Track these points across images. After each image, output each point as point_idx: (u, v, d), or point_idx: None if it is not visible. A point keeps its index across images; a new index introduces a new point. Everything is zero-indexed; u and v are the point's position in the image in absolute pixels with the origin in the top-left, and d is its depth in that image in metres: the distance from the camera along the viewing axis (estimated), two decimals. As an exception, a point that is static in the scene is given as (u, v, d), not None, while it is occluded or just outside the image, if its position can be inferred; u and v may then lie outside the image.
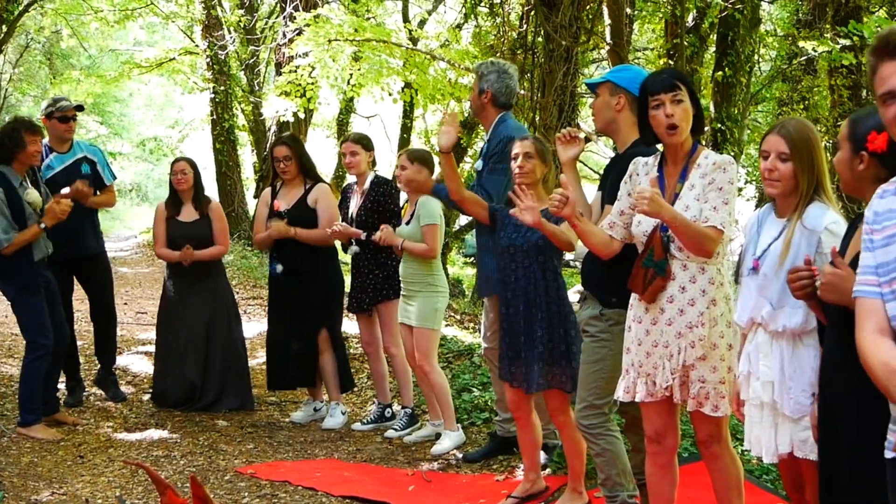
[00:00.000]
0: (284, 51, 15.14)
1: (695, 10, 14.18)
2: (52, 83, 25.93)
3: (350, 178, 7.67)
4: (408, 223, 6.78)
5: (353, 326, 8.73)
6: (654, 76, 4.42)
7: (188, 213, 7.80)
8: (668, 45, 13.60)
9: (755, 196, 18.48)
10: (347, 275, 7.49)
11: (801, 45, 14.12)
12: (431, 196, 6.41)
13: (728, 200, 4.11)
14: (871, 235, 2.74)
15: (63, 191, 7.17)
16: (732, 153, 14.67)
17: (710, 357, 4.19)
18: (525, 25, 9.81)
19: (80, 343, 8.43)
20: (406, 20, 22.35)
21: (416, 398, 7.49)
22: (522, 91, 9.57)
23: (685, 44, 13.12)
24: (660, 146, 4.44)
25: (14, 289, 6.89)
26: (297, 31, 14.04)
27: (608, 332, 4.80)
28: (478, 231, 6.37)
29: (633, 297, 4.41)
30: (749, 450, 4.05)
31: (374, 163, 7.38)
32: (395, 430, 7.16)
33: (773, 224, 3.93)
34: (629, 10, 11.67)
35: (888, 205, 2.73)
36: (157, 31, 29.94)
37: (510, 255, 5.33)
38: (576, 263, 17.17)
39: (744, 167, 17.99)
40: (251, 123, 22.13)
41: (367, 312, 7.27)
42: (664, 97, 4.19)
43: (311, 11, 13.88)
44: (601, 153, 19.39)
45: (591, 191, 5.24)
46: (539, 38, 9.05)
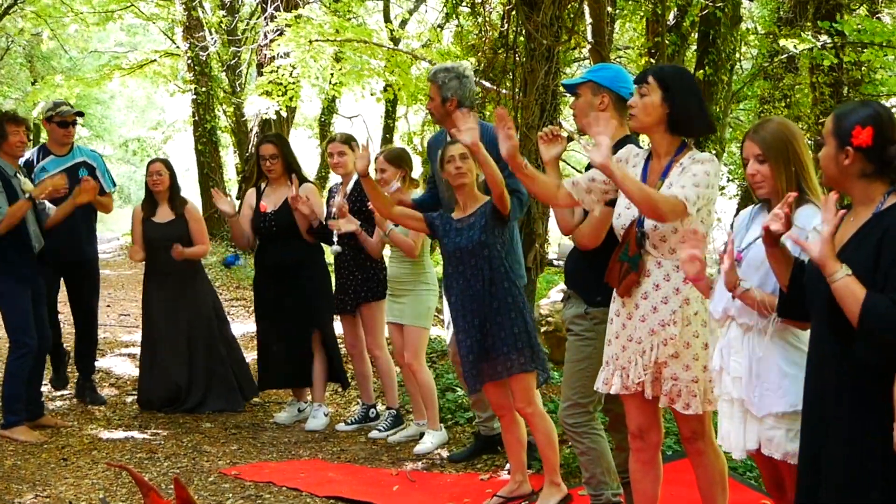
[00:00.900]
0: (266, 52, 15.12)
1: (676, 9, 14.21)
2: (33, 86, 25.81)
3: (334, 178, 7.65)
4: (396, 224, 6.78)
5: (339, 327, 8.73)
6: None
7: (164, 214, 7.77)
8: (650, 44, 13.63)
9: (737, 194, 18.52)
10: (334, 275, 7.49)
11: (783, 43, 14.17)
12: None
13: (698, 183, 4.10)
14: None
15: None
16: (714, 151, 14.70)
17: (683, 355, 4.21)
18: (506, 25, 9.79)
19: (66, 347, 8.37)
20: (387, 20, 22.38)
21: (401, 398, 7.48)
22: (504, 90, 9.57)
23: (666, 42, 13.13)
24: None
25: (8, 280, 6.83)
26: (279, 32, 14.04)
27: (593, 331, 4.81)
28: None
29: (615, 291, 4.44)
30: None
31: None
32: (380, 431, 7.16)
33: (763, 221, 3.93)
34: (610, 9, 11.71)
35: None
36: (139, 33, 29.84)
37: (458, 259, 5.39)
38: (559, 262, 17.19)
39: (726, 165, 18.03)
40: (233, 125, 22.08)
41: (351, 313, 7.26)
42: (636, 88, 4.30)
43: (292, 12, 13.88)
44: (583, 152, 19.42)
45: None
46: (520, 38, 9.04)
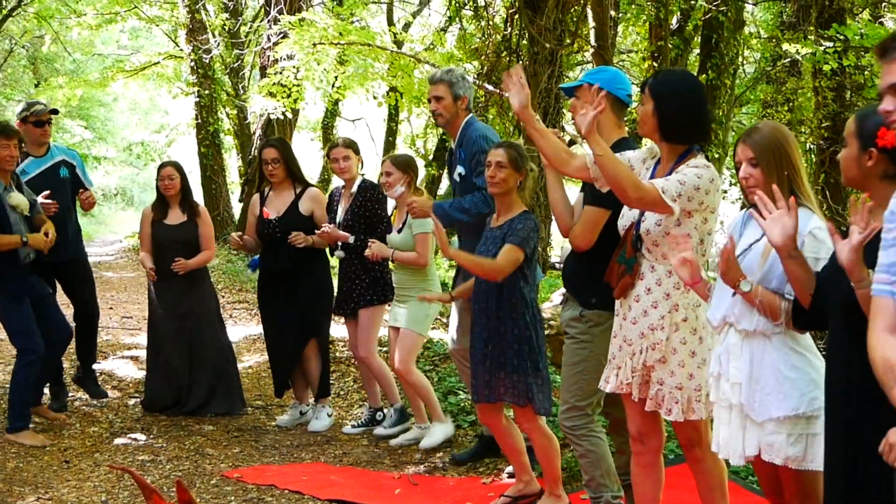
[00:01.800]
0: (269, 54, 15.13)
1: (679, 13, 14.23)
2: (36, 88, 25.85)
3: (335, 182, 7.65)
4: (399, 231, 6.78)
5: (341, 330, 8.73)
6: None
7: (175, 217, 7.77)
8: (653, 48, 13.63)
9: (739, 198, 18.51)
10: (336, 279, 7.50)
11: (785, 48, 14.16)
12: (435, 218, 5.81)
13: (682, 181, 4.12)
14: (886, 234, 2.81)
15: (43, 194, 7.20)
16: (717, 155, 14.72)
17: (670, 361, 4.25)
18: (510, 28, 9.82)
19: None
20: (391, 23, 22.36)
21: (403, 400, 7.48)
22: (507, 94, 9.57)
23: (669, 46, 13.15)
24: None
25: (1, 297, 6.85)
26: (282, 35, 14.05)
27: (588, 334, 4.84)
28: (465, 234, 6.30)
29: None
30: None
31: (362, 165, 7.37)
32: (385, 428, 7.16)
33: (757, 225, 3.94)
34: (613, 13, 11.72)
35: None
36: (142, 36, 29.87)
37: None
38: (562, 265, 17.18)
39: (728, 169, 18.01)
40: (236, 127, 22.10)
41: (353, 317, 7.27)
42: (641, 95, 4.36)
43: (296, 15, 13.88)
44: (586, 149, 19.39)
45: (574, 192, 5.25)
46: (524, 41, 9.06)
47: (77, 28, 21.93)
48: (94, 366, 8.35)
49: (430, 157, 21.99)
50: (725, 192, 18.63)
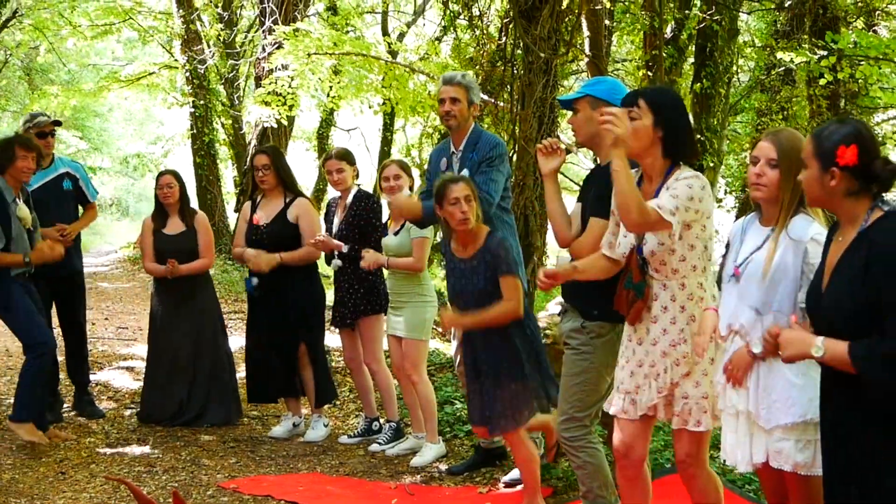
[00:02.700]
0: (264, 65, 15.14)
1: (673, 22, 14.26)
2: (31, 98, 25.82)
3: (331, 192, 7.66)
4: (396, 233, 6.78)
5: (336, 340, 8.70)
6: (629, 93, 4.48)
7: (174, 226, 7.77)
8: (647, 57, 13.67)
9: (735, 206, 18.55)
10: (330, 288, 7.49)
11: (780, 56, 14.20)
12: (422, 218, 6.13)
13: (676, 195, 4.12)
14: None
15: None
16: (712, 164, 14.76)
17: (694, 373, 4.25)
18: (504, 38, 9.82)
19: (60, 359, 8.36)
20: (385, 33, 22.42)
21: (400, 411, 7.48)
22: (502, 103, 9.60)
23: (664, 55, 13.18)
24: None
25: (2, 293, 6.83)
26: (277, 45, 14.06)
27: (589, 345, 4.83)
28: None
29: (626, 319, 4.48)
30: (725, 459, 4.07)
31: (358, 175, 7.38)
32: (380, 444, 7.16)
33: (757, 232, 3.96)
34: (608, 23, 11.75)
35: None
36: (137, 47, 29.86)
37: (463, 301, 5.40)
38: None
39: (723, 178, 18.05)
40: (231, 137, 22.09)
41: (349, 327, 7.26)
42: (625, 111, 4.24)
43: (291, 25, 13.90)
44: (580, 164, 19.46)
45: (571, 202, 5.26)
46: (518, 51, 9.06)
47: (73, 38, 21.91)
48: (90, 376, 8.33)
49: (426, 167, 21.97)
50: (721, 201, 18.67)
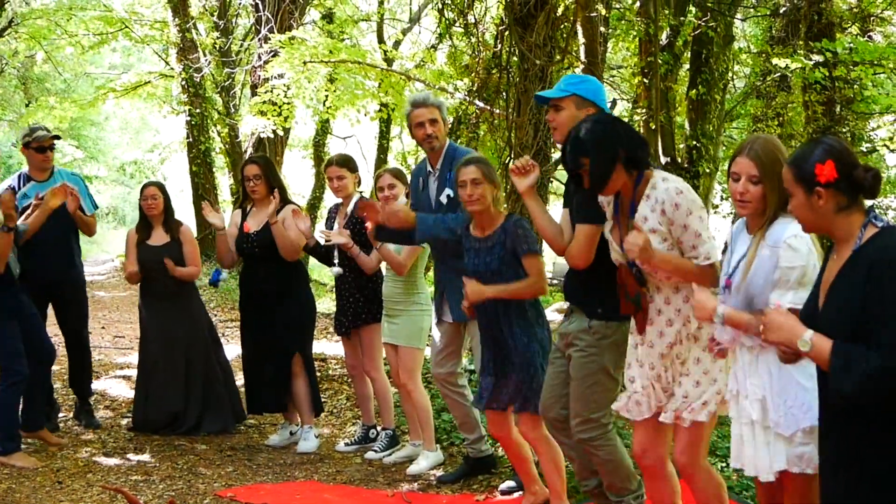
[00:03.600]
0: (259, 73, 15.16)
1: (668, 29, 14.28)
2: (28, 112, 25.84)
3: (329, 200, 7.65)
4: None
5: (334, 348, 8.71)
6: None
7: (158, 237, 7.75)
8: (643, 64, 13.68)
9: (731, 213, 18.57)
10: (326, 296, 7.48)
11: (775, 62, 14.23)
12: (417, 230, 5.95)
13: (699, 231, 4.22)
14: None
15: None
16: (708, 170, 14.77)
17: (693, 372, 4.28)
18: (500, 45, 9.85)
19: (55, 368, 8.35)
20: (381, 41, 22.43)
21: (397, 419, 7.47)
22: (498, 110, 9.61)
23: (659, 62, 13.20)
24: None
25: None
26: (272, 54, 14.08)
27: (596, 346, 4.82)
28: (448, 255, 6.16)
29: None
30: (741, 468, 4.03)
31: (359, 182, 7.36)
32: (376, 452, 7.14)
33: (744, 240, 3.96)
34: (603, 29, 11.74)
35: None
36: (133, 55, 29.90)
37: (478, 279, 5.33)
38: (556, 281, 17.18)
39: (719, 183, 18.07)
40: (227, 146, 22.11)
41: (349, 335, 7.26)
42: None
43: (286, 34, 13.92)
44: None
45: (557, 207, 5.27)
46: (514, 58, 9.09)
47: (69, 47, 21.94)
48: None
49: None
50: (717, 207, 18.70)
